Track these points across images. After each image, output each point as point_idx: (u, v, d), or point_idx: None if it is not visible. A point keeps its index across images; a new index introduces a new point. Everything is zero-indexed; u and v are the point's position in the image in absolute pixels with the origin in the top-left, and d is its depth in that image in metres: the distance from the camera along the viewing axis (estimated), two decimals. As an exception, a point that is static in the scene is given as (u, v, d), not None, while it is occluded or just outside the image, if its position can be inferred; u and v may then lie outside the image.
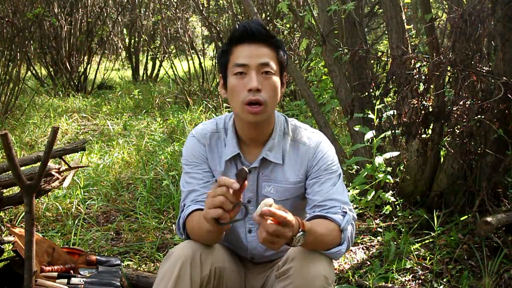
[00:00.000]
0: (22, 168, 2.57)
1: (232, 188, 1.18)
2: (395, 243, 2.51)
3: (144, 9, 9.75)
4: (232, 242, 1.61)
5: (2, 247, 2.03)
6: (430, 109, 2.61)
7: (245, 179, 1.18)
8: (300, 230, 1.23)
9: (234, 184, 1.18)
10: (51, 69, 7.98)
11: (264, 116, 1.44)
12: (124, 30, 10.55)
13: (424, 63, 2.61)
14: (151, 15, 9.68)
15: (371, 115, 2.89)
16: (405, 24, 2.99)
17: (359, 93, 3.25)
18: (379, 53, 2.91)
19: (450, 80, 2.63)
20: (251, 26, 1.40)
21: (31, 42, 7.23)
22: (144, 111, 6.41)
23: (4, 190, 2.42)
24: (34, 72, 8.06)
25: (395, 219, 2.83)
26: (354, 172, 3.09)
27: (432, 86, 2.63)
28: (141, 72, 9.99)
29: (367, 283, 2.17)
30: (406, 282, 2.24)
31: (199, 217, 1.41)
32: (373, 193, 2.74)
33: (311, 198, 1.48)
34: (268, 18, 6.45)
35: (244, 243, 1.59)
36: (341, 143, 3.62)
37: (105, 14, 9.37)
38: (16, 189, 2.83)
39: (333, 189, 1.46)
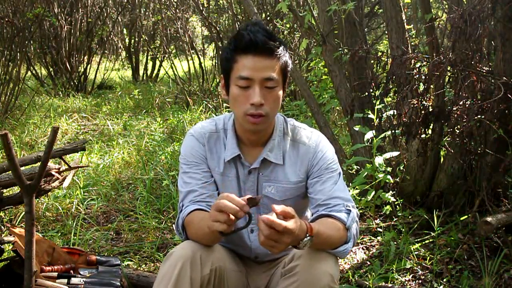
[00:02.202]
0: (22, 168, 2.57)
1: (243, 211, 1.20)
2: (395, 243, 2.52)
3: (144, 9, 9.76)
4: (235, 243, 1.61)
5: (2, 247, 2.02)
6: (430, 109, 2.61)
7: (254, 206, 1.22)
8: (307, 235, 1.24)
9: (245, 208, 1.20)
10: (51, 69, 7.98)
11: (264, 126, 1.46)
12: (124, 30, 10.55)
13: (424, 63, 2.61)
14: (151, 15, 9.68)
15: (371, 115, 2.89)
16: (405, 24, 2.99)
17: (359, 93, 3.25)
18: (379, 53, 2.92)
19: (450, 80, 2.64)
20: (257, 38, 1.37)
21: (31, 42, 7.23)
22: (144, 111, 6.41)
23: (4, 190, 2.42)
24: (34, 72, 8.06)
25: (395, 219, 2.83)
26: (354, 172, 3.09)
27: (432, 86, 2.63)
28: (141, 72, 9.99)
29: (367, 283, 2.17)
30: (406, 282, 2.24)
31: (198, 218, 1.41)
32: (373, 193, 2.74)
33: (314, 197, 1.49)
34: (268, 18, 6.45)
35: (247, 243, 1.59)
36: (341, 143, 3.62)
37: (105, 14, 9.37)
38: (16, 189, 2.82)
39: (335, 187, 1.47)
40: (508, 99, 2.30)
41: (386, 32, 3.66)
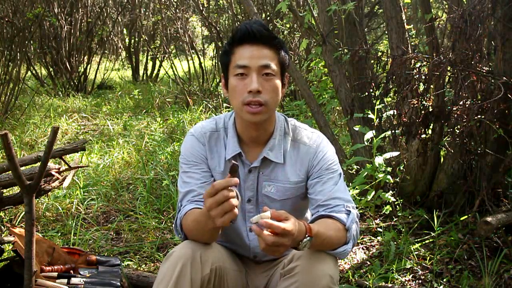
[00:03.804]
0: (22, 168, 2.57)
1: (233, 184, 1.18)
2: (395, 243, 2.52)
3: (144, 9, 9.76)
4: (234, 242, 1.61)
5: (2, 247, 2.02)
6: (430, 109, 2.61)
7: (237, 171, 1.22)
8: (306, 235, 1.24)
9: (233, 181, 1.18)
10: (51, 69, 7.98)
11: (264, 117, 1.44)
12: (124, 30, 10.56)
13: (424, 63, 2.61)
14: (151, 15, 9.69)
15: (371, 115, 2.89)
16: (405, 24, 2.99)
17: (359, 93, 3.25)
18: (379, 53, 2.92)
19: (450, 80, 2.64)
20: (252, 27, 1.40)
21: (31, 42, 7.23)
22: (144, 111, 6.41)
23: (4, 190, 2.41)
24: (34, 72, 8.06)
25: (395, 219, 2.83)
26: (354, 172, 3.09)
27: (432, 86, 2.63)
28: (141, 72, 9.99)
29: (367, 283, 2.17)
30: (406, 282, 2.24)
31: (195, 215, 1.40)
32: (373, 193, 2.74)
33: (314, 198, 1.49)
34: (268, 18, 6.46)
35: (246, 242, 1.59)
36: (341, 143, 3.62)
37: (105, 14, 9.38)
38: (16, 189, 2.82)
39: (335, 188, 1.47)
40: (508, 99, 2.30)
41: (386, 32, 3.66)
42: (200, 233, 1.39)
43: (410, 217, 2.84)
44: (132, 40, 9.94)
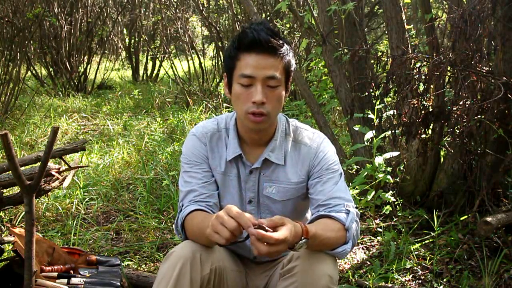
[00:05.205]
0: (22, 168, 2.57)
1: (250, 233, 1.17)
2: (395, 243, 2.52)
3: (144, 9, 9.76)
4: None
5: (2, 247, 2.02)
6: (430, 109, 2.61)
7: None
8: (302, 237, 1.23)
9: (252, 231, 1.15)
10: (51, 69, 7.98)
11: (266, 125, 1.45)
12: (124, 30, 10.56)
13: (424, 63, 2.61)
14: (151, 15, 9.70)
15: (371, 115, 2.89)
16: (405, 24, 2.99)
17: (359, 93, 3.25)
18: (379, 53, 2.92)
19: (450, 80, 2.64)
20: (260, 36, 1.36)
21: (31, 42, 7.23)
22: (144, 111, 6.41)
23: (4, 190, 2.41)
24: (34, 72, 8.06)
25: (395, 219, 2.83)
26: (354, 172, 3.09)
27: (432, 86, 2.63)
28: (141, 72, 9.99)
29: (367, 283, 2.17)
30: (406, 282, 2.24)
31: (197, 219, 1.40)
32: (373, 193, 2.74)
33: (314, 197, 1.49)
34: (268, 18, 6.46)
35: (246, 243, 1.59)
36: (341, 143, 3.62)
37: (105, 14, 9.38)
38: (16, 189, 2.82)
39: (335, 188, 1.47)
40: (508, 99, 2.30)
41: (386, 32, 3.66)
42: (201, 236, 1.39)
43: (410, 217, 2.84)
44: (132, 40, 9.95)
